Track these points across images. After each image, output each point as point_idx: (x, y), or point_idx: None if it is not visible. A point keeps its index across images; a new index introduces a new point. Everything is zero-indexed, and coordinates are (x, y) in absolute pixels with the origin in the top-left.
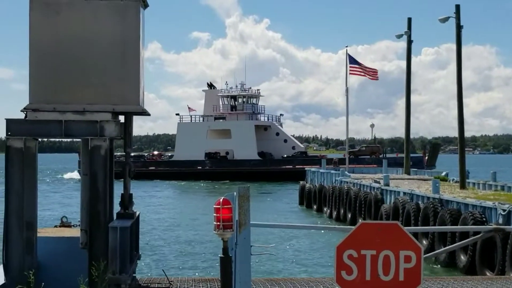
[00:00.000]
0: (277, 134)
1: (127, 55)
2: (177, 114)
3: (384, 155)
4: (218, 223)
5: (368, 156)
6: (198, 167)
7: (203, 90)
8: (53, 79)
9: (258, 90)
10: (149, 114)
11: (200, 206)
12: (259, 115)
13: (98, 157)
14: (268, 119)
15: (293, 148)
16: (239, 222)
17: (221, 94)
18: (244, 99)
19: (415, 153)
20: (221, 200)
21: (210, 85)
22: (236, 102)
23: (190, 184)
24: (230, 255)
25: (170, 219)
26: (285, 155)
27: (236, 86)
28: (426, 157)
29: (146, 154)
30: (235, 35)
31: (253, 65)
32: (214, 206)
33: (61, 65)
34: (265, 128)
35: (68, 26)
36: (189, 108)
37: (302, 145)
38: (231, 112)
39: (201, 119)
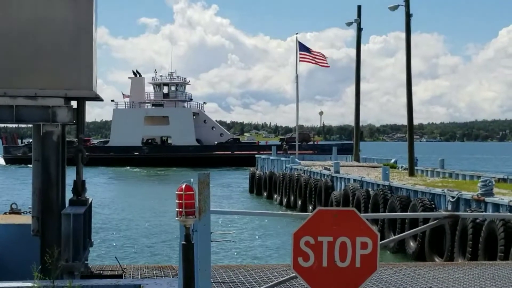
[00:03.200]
0: (205, 121)
1: (80, 39)
2: (113, 101)
3: (313, 142)
4: (181, 209)
5: (300, 143)
6: (135, 153)
7: (129, 78)
8: (4, 63)
9: (185, 78)
10: (102, 100)
11: (148, 193)
12: (185, 103)
13: (50, 143)
14: (190, 107)
15: (221, 135)
16: (199, 209)
17: (152, 82)
18: (174, 87)
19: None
20: (183, 186)
21: (136, 73)
22: (163, 90)
23: (129, 170)
24: (193, 241)
25: (119, 205)
26: (216, 142)
27: (169, 74)
28: None
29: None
30: (183, 21)
31: (202, 52)
32: (177, 192)
33: (12, 49)
34: (193, 115)
35: (19, 9)
36: (123, 94)
37: (229, 132)
38: (168, 99)
39: (135, 105)
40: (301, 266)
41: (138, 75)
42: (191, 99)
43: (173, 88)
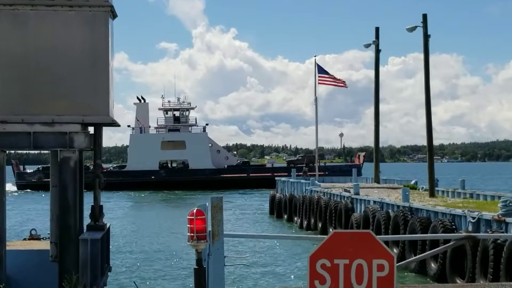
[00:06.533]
0: (211, 145)
1: (96, 66)
2: (129, 126)
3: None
4: (192, 234)
5: (305, 165)
6: (152, 177)
7: (134, 104)
8: (22, 90)
9: (189, 103)
10: (119, 125)
11: (165, 216)
12: (191, 127)
13: (67, 169)
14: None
15: (226, 158)
16: (212, 233)
17: (163, 108)
18: (180, 112)
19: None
20: (194, 211)
21: (141, 99)
22: (168, 115)
23: (148, 194)
24: (204, 266)
25: (137, 230)
26: (226, 165)
27: (178, 100)
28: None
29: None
30: (202, 46)
31: (221, 75)
32: (188, 217)
33: (29, 76)
34: None
35: (36, 37)
36: (137, 120)
37: (234, 156)
38: (179, 124)
39: (143, 130)
40: None
41: (143, 101)
42: (207, 124)
43: (177, 113)
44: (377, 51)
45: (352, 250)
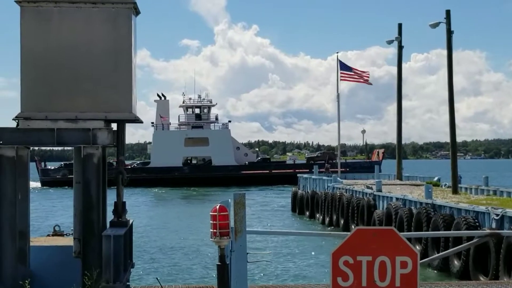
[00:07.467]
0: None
1: (119, 62)
2: (152, 123)
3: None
4: (215, 230)
5: (326, 162)
6: (175, 173)
7: (154, 101)
8: (45, 87)
9: (210, 100)
10: (141, 122)
11: (188, 212)
12: (211, 124)
13: (91, 165)
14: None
15: (246, 155)
16: (235, 229)
17: (184, 105)
18: (200, 110)
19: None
20: (217, 207)
21: (161, 96)
22: (188, 112)
23: (171, 191)
24: (227, 262)
25: (160, 226)
26: (247, 162)
27: (199, 97)
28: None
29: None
30: (224, 43)
31: (243, 72)
32: (211, 213)
33: (53, 73)
34: None
35: (59, 33)
36: (161, 117)
37: (253, 153)
38: (200, 121)
39: (164, 127)
40: (341, 286)
41: (163, 98)
42: (229, 121)
43: (198, 111)
44: (400, 48)
45: (375, 247)
